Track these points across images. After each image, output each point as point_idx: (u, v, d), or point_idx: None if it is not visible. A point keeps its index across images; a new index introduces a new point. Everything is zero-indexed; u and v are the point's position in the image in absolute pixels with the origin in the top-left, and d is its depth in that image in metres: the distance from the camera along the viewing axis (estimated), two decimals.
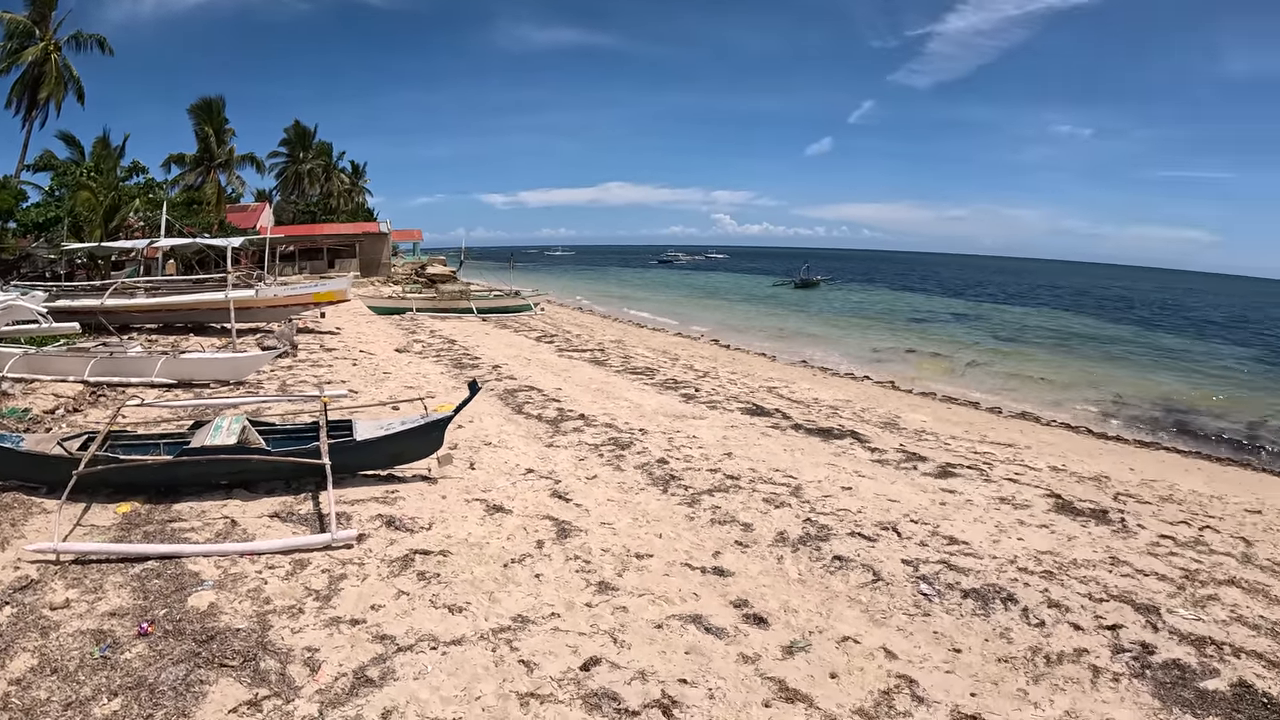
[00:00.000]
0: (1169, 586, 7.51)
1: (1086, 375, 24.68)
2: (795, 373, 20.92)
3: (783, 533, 8.09)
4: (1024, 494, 10.29)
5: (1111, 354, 30.86)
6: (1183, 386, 23.92)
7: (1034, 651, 5.98)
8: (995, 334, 35.85)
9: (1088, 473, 12.08)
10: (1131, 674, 5.70)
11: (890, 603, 6.66)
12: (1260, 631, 6.64)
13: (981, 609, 6.64)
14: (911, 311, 47.51)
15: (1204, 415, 20.02)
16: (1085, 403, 20.14)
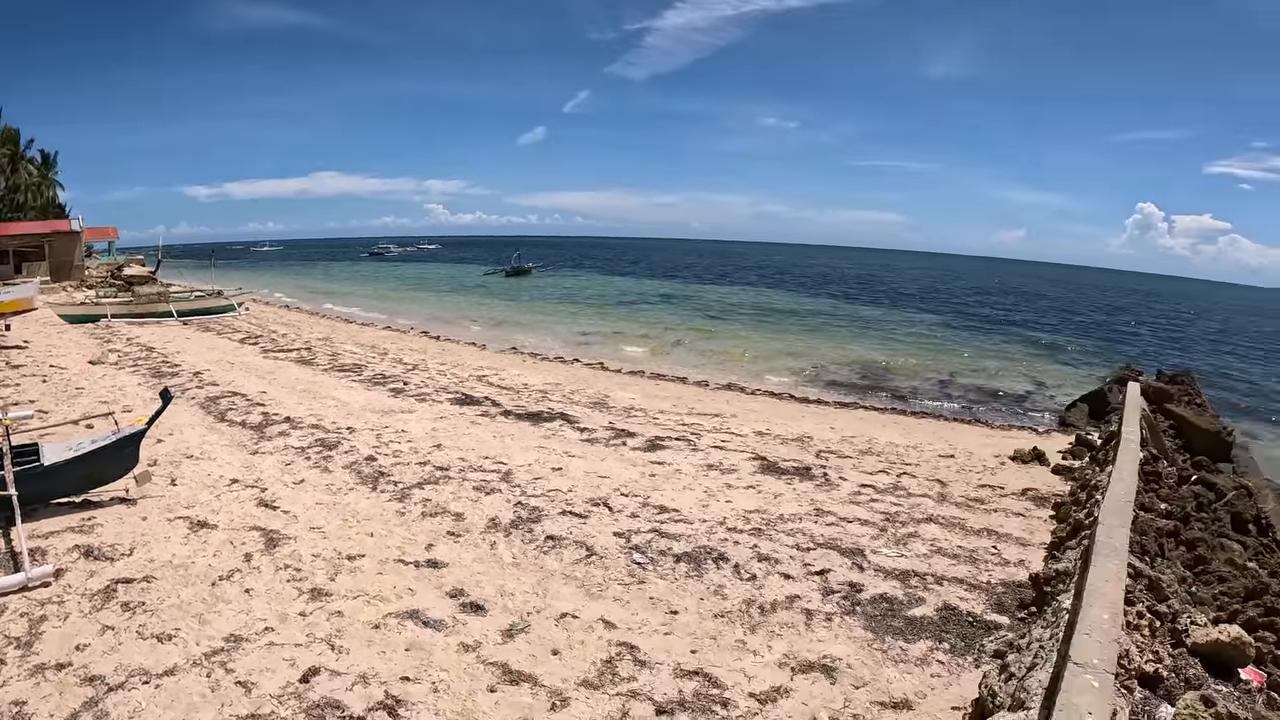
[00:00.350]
0: (872, 530, 12.83)
1: (789, 346, 40.10)
2: (505, 360, 31.00)
3: (495, 519, 12.50)
4: (731, 459, 16.81)
5: (812, 326, 50.79)
6: (879, 351, 39.79)
7: (749, 604, 9.95)
8: (702, 312, 56.54)
9: (791, 434, 19.76)
10: (843, 612, 9.88)
11: (605, 575, 10.67)
12: (959, 560, 11.81)
13: (695, 570, 10.94)
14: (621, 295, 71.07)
15: (899, 375, 33.71)
16: (788, 372, 32.70)
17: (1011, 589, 11.16)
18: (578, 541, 11.66)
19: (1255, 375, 49.00)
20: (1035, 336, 56.94)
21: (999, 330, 58.88)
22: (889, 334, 49.80)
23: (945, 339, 49.86)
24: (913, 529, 13.30)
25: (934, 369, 36.32)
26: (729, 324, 50.50)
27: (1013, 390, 33.07)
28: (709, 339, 42.69)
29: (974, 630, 9.90)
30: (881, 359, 38.12)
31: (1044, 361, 43.41)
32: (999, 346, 48.14)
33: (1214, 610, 10.92)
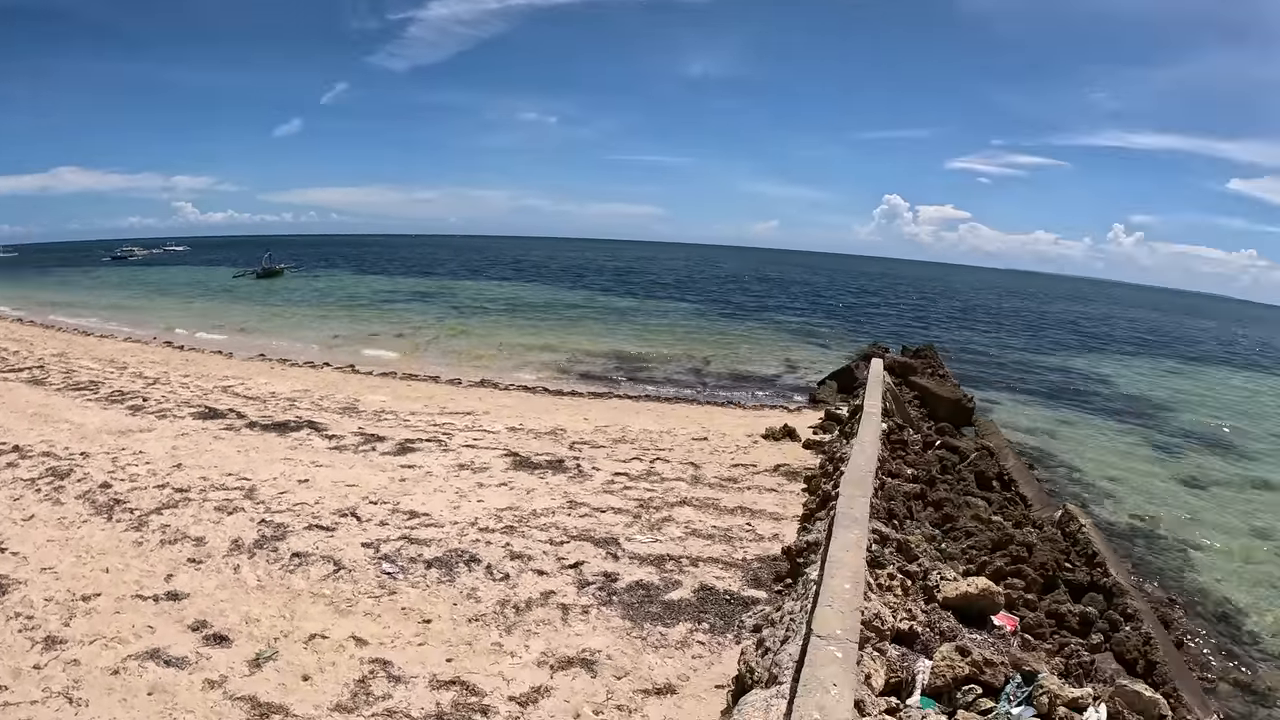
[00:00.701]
0: (626, 518, 12.97)
1: (544, 340, 40.61)
2: (253, 368, 30.11)
3: (238, 540, 11.93)
4: (483, 457, 16.80)
5: (568, 319, 51.68)
6: (634, 341, 41.15)
7: (503, 604, 9.88)
8: (458, 309, 56.36)
9: (545, 428, 19.85)
10: (600, 603, 9.93)
11: (355, 589, 10.35)
12: (715, 539, 12.12)
13: (447, 575, 10.78)
14: (376, 295, 69.11)
15: (653, 364, 34.69)
16: (543, 365, 33.05)
17: (767, 563, 11.55)
18: (325, 556, 11.35)
19: (992, 347, 54.10)
20: (788, 320, 60.22)
21: (753, 316, 61.70)
22: (644, 324, 51.47)
23: (700, 327, 52.07)
24: (667, 513, 13.56)
25: (688, 356, 37.73)
26: (484, 320, 50.92)
27: (765, 372, 34.62)
28: (464, 336, 43.05)
29: (732, 607, 10.21)
30: (636, 349, 39.39)
31: (796, 343, 45.83)
32: (753, 331, 50.58)
33: (964, 564, 11.62)
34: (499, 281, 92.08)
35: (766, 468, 16.74)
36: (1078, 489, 20.78)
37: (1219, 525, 19.44)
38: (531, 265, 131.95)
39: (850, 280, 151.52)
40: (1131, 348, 67.20)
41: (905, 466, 16.04)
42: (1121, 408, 34.61)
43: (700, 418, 22.57)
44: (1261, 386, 50.48)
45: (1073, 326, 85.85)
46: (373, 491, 14.26)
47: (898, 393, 22.59)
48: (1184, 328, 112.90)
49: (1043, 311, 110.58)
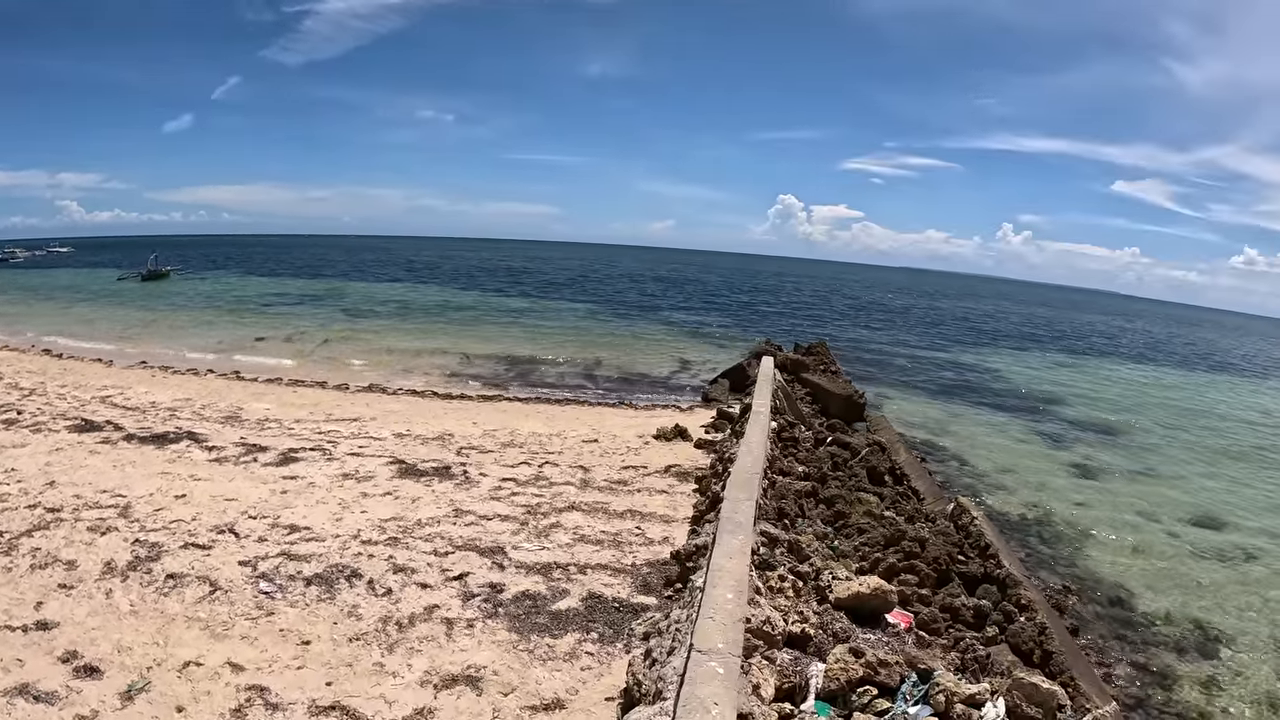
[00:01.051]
0: (513, 525, 12.60)
1: (435, 342, 40.12)
2: (134, 376, 28.66)
3: (110, 562, 11.19)
4: (368, 466, 16.26)
5: (461, 320, 51.23)
6: (526, 342, 41.02)
7: (385, 621, 9.42)
8: (350, 311, 55.14)
9: (432, 433, 19.37)
10: (485, 616, 9.55)
11: (231, 611, 9.76)
12: (604, 545, 11.82)
13: (327, 593, 10.25)
14: (266, 297, 66.70)
15: (545, 365, 34.51)
16: (434, 368, 32.60)
17: (657, 568, 11.30)
18: (201, 577, 10.75)
19: (885, 344, 55.30)
20: (682, 320, 60.59)
21: (647, 316, 61.96)
22: (537, 325, 51.28)
23: (593, 327, 52.07)
24: (555, 519, 13.27)
25: (581, 357, 37.64)
26: (374, 323, 49.87)
27: (658, 372, 34.67)
28: (353, 340, 42.18)
29: (621, 615, 9.94)
30: (528, 350, 39.20)
31: (689, 342, 46.15)
32: (646, 331, 50.77)
33: (857, 561, 11.52)
34: (391, 283, 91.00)
35: (657, 469, 16.53)
36: (970, 481, 21.12)
37: (1108, 511, 20.03)
38: (425, 266, 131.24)
39: (745, 279, 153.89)
40: (1021, 342, 69.60)
41: (797, 464, 15.98)
42: (1011, 400, 35.67)
43: (591, 419, 22.31)
44: (1146, 378, 52.81)
45: (964, 323, 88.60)
46: (252, 505, 13.66)
47: (789, 390, 22.66)
48: (1072, 322, 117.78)
49: (934, 308, 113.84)
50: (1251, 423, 38.37)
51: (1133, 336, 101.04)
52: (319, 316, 52.26)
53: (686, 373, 34.55)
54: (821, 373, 29.70)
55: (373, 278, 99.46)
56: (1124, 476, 23.96)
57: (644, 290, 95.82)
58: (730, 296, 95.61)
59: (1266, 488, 24.88)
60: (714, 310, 72.14)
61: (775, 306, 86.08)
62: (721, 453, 16.22)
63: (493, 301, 68.28)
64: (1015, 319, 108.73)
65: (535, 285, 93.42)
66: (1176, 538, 18.69)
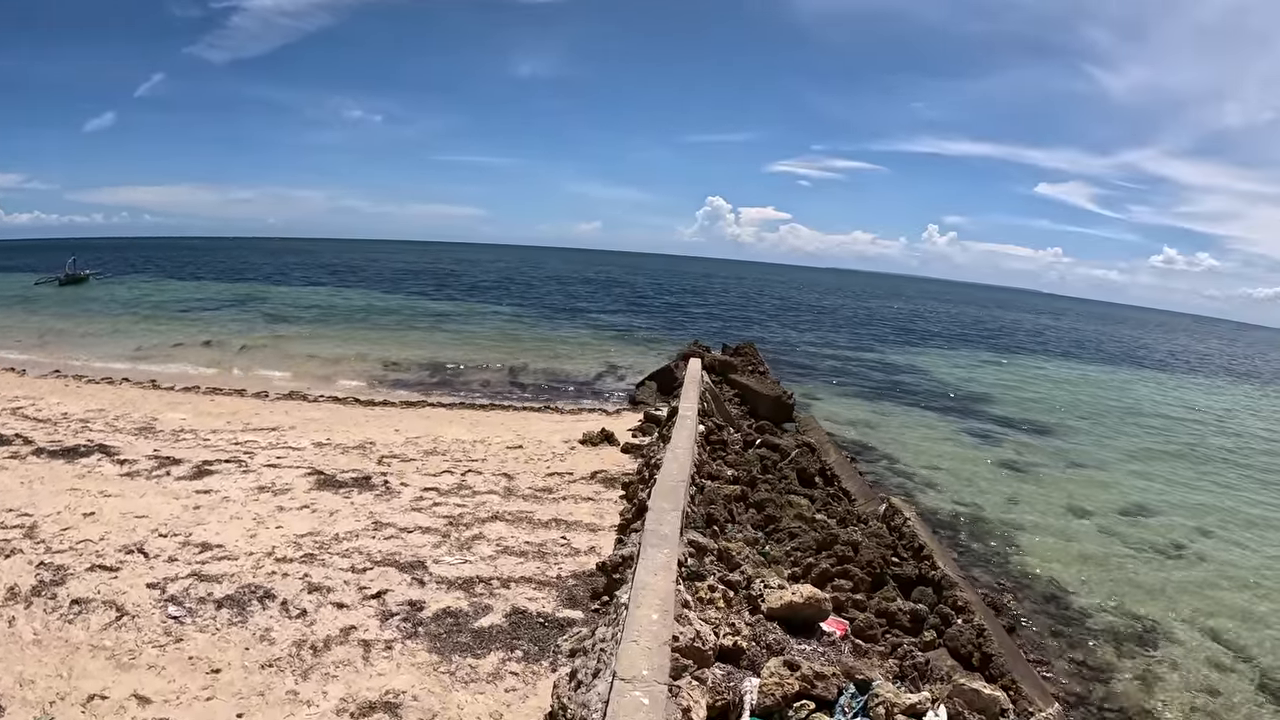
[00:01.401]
0: (434, 537, 12.16)
1: (358, 348, 39.40)
2: (46, 386, 27.63)
3: (14, 588, 10.51)
4: (285, 478, 15.65)
5: (385, 324, 50.71)
6: (452, 346, 40.66)
7: (299, 645, 8.96)
8: (271, 316, 53.95)
9: (353, 442, 18.83)
10: (405, 636, 9.15)
11: (138, 638, 9.20)
12: (528, 556, 11.46)
13: (239, 616, 9.74)
14: (187, 301, 64.86)
15: (470, 369, 34.08)
16: (357, 374, 32.12)
17: (583, 579, 10.97)
18: (107, 601, 10.16)
19: (813, 344, 55.70)
20: (609, 321, 60.38)
21: (574, 318, 61.66)
22: (462, 329, 50.73)
23: (519, 330, 51.70)
24: (478, 530, 12.87)
25: (506, 360, 37.25)
26: (296, 328, 48.82)
27: (585, 374, 34.36)
28: (273, 345, 41.17)
29: (547, 631, 9.59)
30: (453, 354, 38.78)
31: (617, 344, 45.89)
32: (573, 333, 50.51)
33: (789, 567, 11.28)
34: (314, 286, 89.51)
35: (583, 475, 16.20)
36: (901, 480, 21.11)
37: (1039, 506, 20.22)
38: (349, 269, 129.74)
39: (673, 280, 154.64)
40: (949, 341, 70.69)
41: (725, 467, 15.74)
42: (941, 399, 36.05)
43: (516, 425, 21.94)
44: (1073, 375, 53.97)
45: (891, 323, 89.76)
46: (163, 523, 13.03)
47: (716, 392, 22.47)
48: (998, 321, 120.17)
49: (862, 308, 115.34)
50: (1178, 418, 39.34)
51: (1059, 334, 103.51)
52: (240, 321, 51.40)
53: (613, 376, 34.29)
54: (750, 374, 29.60)
55: (296, 281, 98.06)
56: (1054, 472, 24.21)
57: (571, 292, 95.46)
58: (658, 298, 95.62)
59: (1193, 481, 25.42)
60: (641, 312, 71.91)
61: (703, 308, 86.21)
62: (648, 458, 15.91)
63: (417, 305, 67.50)
64: (943, 318, 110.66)
65: (461, 288, 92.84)
66: (1107, 532, 18.89)
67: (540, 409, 25.30)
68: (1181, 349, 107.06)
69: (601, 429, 19.56)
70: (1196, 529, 20.00)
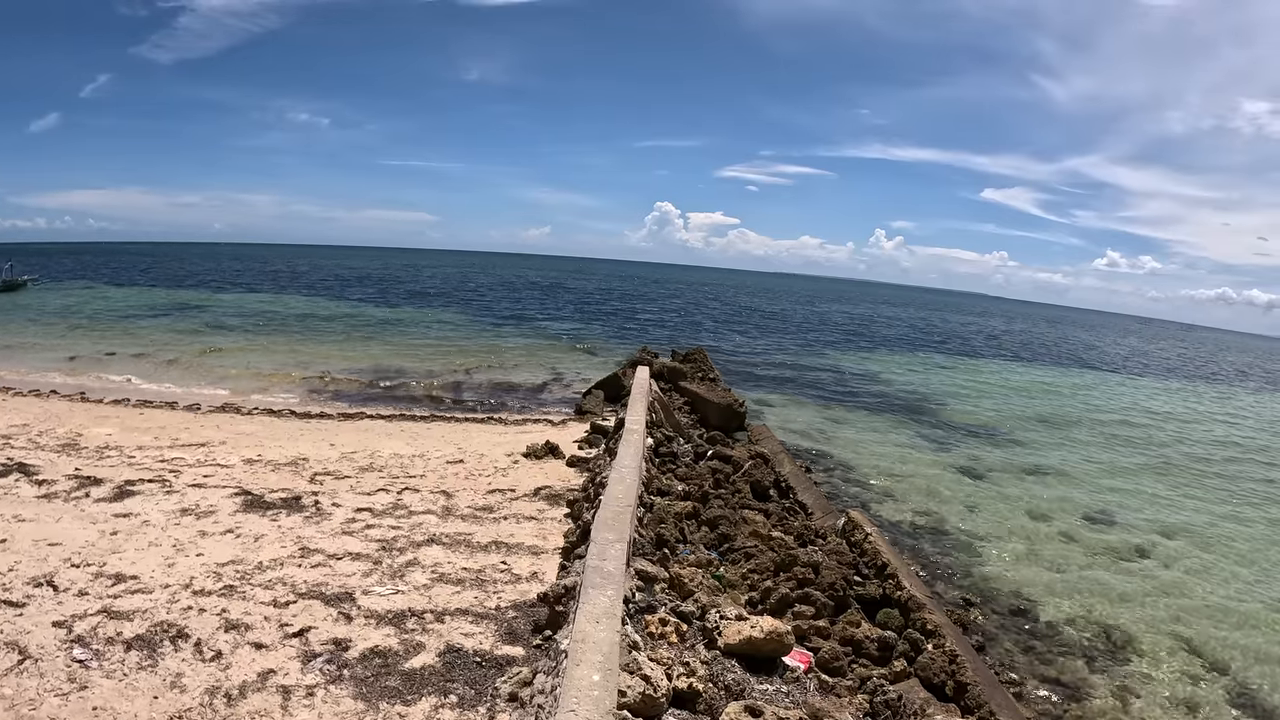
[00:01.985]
0: (365, 565, 11.33)
1: (298, 356, 38.55)
2: None
3: None
4: (211, 499, 14.67)
5: (325, 332, 49.64)
6: (394, 354, 39.92)
7: (213, 693, 8.11)
8: (211, 324, 52.47)
9: (285, 458, 17.87)
10: (328, 680, 8.34)
11: (40, 685, 8.25)
12: (465, 584, 10.65)
13: (149, 659, 8.82)
14: (127, 308, 62.98)
15: (412, 378, 33.13)
16: (294, 384, 31.03)
17: (524, 611, 10.15)
18: (9, 643, 9.15)
19: (763, 349, 55.45)
20: (556, 328, 59.68)
21: (521, 324, 61.02)
22: (406, 336, 49.85)
23: (465, 336, 50.96)
24: (413, 555, 12.01)
25: (450, 369, 36.48)
26: (235, 336, 47.54)
27: (531, 382, 33.60)
28: (211, 354, 40.14)
29: (485, 672, 8.77)
30: (395, 362, 37.96)
31: (564, 351, 45.34)
32: (519, 340, 49.82)
33: (746, 591, 10.57)
34: (257, 293, 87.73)
35: (526, 492, 15.41)
36: (857, 490, 20.60)
37: (1000, 513, 19.87)
38: (295, 275, 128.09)
39: (621, 285, 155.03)
40: (900, 345, 71.02)
41: (676, 481, 15.04)
42: (895, 404, 35.75)
43: (458, 437, 21.15)
44: (1026, 378, 54.39)
45: (842, 327, 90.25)
46: (78, 550, 12.05)
47: (665, 401, 21.79)
48: (949, 325, 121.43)
49: (812, 313, 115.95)
50: (1132, 420, 39.50)
51: (1011, 338, 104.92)
52: (178, 330, 50.11)
53: (560, 383, 33.61)
54: (700, 380, 28.99)
55: (239, 288, 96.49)
56: (1012, 477, 23.91)
57: (518, 298, 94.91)
58: (606, 304, 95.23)
59: (1151, 484, 25.34)
60: (589, 318, 71.33)
61: (652, 313, 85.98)
62: (595, 472, 15.16)
63: (362, 312, 66.47)
64: (893, 322, 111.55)
65: (407, 294, 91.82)
66: (1070, 538, 18.59)
67: (483, 420, 24.48)
68: (1135, 351, 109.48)
69: (546, 441, 18.77)
70: (1161, 533, 19.80)
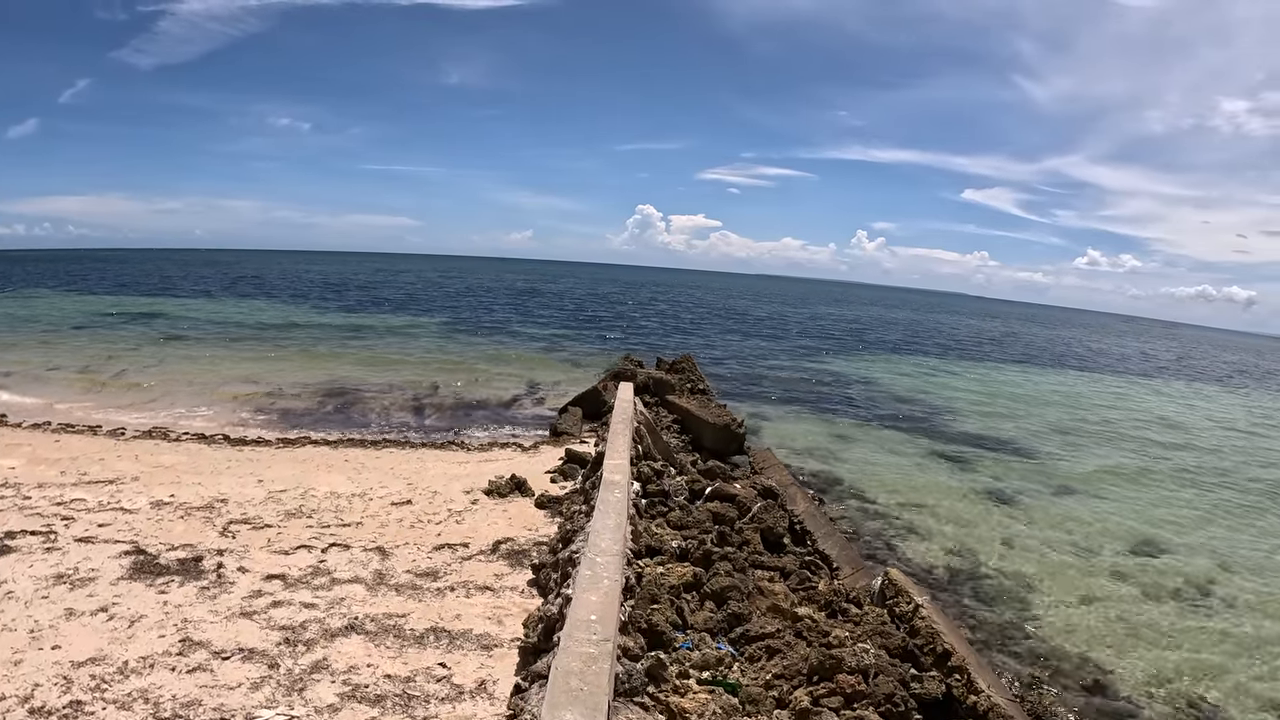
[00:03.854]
0: (258, 669, 8.43)
1: (249, 368, 35.49)
2: None
3: None
4: (96, 559, 11.79)
5: (288, 341, 46.50)
6: (356, 365, 37.06)
7: None
8: (169, 334, 49.23)
9: (200, 500, 15.03)
10: None
11: None
12: (384, 707, 7.80)
13: None
14: (82, 317, 59.31)
15: (371, 392, 30.22)
16: (237, 402, 27.97)
17: None
18: None
19: (752, 354, 52.78)
20: (534, 334, 56.76)
21: (497, 331, 57.91)
22: (372, 345, 46.76)
23: (436, 345, 47.92)
24: (323, 652, 9.02)
25: (413, 382, 33.37)
26: (188, 346, 44.38)
27: (501, 397, 30.75)
28: (161, 366, 36.93)
29: None
30: (357, 375, 34.88)
31: (541, 360, 42.60)
32: (494, 349, 46.96)
33: (772, 707, 7.73)
34: (224, 300, 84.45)
35: (483, 547, 12.47)
36: (879, 524, 17.83)
37: (1038, 548, 17.38)
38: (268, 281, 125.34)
39: (603, 289, 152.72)
40: (892, 347, 68.71)
41: (668, 531, 12.13)
42: (899, 414, 32.99)
43: (410, 468, 18.24)
44: (1030, 382, 52.28)
45: (831, 330, 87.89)
46: None
47: (653, 423, 18.86)
48: (936, 325, 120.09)
49: (798, 315, 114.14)
50: (1150, 428, 37.31)
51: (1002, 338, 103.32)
52: (130, 340, 46.98)
53: (533, 398, 30.71)
54: (690, 393, 26.15)
55: (208, 294, 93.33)
56: (1041, 500, 21.42)
57: (496, 303, 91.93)
58: (587, 308, 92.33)
59: (1187, 500, 23.33)
60: (569, 324, 68.28)
61: (635, 317, 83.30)
62: (566, 532, 12.04)
63: (330, 320, 63.47)
64: (881, 324, 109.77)
65: (381, 301, 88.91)
66: (1121, 576, 16.22)
67: (442, 445, 21.56)
68: (1135, 352, 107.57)
69: (511, 476, 15.90)
70: (1217, 564, 17.60)
